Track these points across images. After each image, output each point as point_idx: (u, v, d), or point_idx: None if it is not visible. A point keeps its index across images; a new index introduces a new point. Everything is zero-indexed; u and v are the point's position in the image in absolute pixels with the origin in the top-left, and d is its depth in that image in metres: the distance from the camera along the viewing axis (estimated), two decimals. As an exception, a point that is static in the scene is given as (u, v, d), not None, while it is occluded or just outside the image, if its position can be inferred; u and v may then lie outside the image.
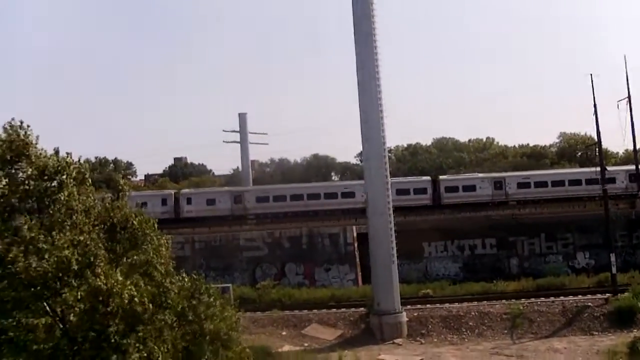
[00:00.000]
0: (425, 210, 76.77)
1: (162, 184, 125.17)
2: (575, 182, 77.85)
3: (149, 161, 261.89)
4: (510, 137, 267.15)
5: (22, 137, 25.52)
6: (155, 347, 23.24)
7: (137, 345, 23.18)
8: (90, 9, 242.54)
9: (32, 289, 23.46)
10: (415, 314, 53.47)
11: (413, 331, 51.75)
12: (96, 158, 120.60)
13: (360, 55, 52.82)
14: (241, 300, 36.76)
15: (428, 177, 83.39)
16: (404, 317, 52.12)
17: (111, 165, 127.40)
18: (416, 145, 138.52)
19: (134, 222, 24.96)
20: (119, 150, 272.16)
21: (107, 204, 26.32)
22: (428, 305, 55.89)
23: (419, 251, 72.34)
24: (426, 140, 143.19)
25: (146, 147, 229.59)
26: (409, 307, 53.99)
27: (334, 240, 68.68)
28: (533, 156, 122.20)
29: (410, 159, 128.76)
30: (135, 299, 22.37)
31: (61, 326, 24.68)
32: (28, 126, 25.68)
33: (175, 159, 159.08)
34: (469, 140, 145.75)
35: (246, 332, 32.47)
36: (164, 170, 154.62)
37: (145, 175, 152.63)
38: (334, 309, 55.94)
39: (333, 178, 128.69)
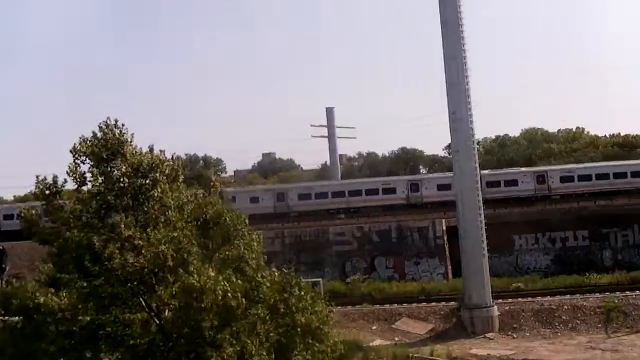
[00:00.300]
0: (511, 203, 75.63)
1: (252, 180, 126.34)
2: (621, 175, 75.69)
3: (239, 158, 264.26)
4: (601, 126, 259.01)
5: (117, 135, 26.16)
6: (249, 341, 23.42)
7: (231, 339, 23.44)
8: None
9: (129, 285, 24.01)
10: (507, 308, 52.71)
11: (505, 325, 51.05)
12: (186, 155, 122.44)
13: (447, 48, 52.34)
14: (331, 294, 36.82)
15: None
16: (495, 311, 51.45)
17: (201, 162, 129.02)
18: (505, 137, 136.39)
19: (226, 218, 25.20)
20: (208, 146, 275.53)
21: (199, 200, 26.68)
22: (519, 299, 54.94)
23: (509, 244, 71.29)
24: (515, 132, 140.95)
25: (235, 143, 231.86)
26: (500, 300, 53.25)
27: (423, 234, 68.27)
28: (625, 146, 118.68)
29: (499, 151, 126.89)
30: (229, 295, 22.57)
31: (157, 321, 25.16)
32: (123, 125, 26.38)
33: (264, 154, 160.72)
34: (559, 131, 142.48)
35: (337, 326, 32.43)
36: (253, 166, 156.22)
37: (234, 171, 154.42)
38: (424, 303, 55.60)
39: (421, 171, 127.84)
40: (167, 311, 24.73)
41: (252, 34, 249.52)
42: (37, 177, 27.29)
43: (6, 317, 28.64)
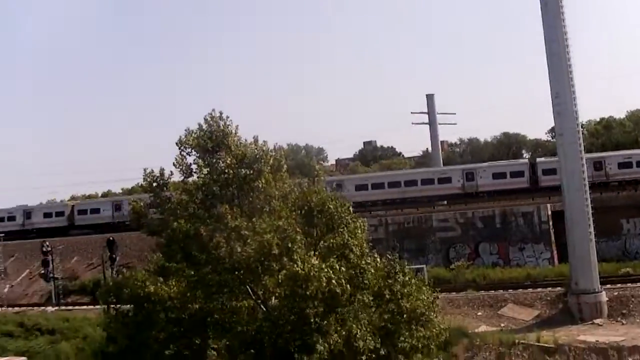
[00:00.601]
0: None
1: (353, 168, 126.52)
2: None
3: (339, 147, 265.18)
4: None
5: (221, 127, 26.65)
6: (354, 327, 23.56)
7: (337, 326, 23.62)
8: None
9: (236, 273, 24.44)
10: (616, 294, 51.38)
11: (613, 311, 49.80)
12: (288, 145, 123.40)
13: (548, 28, 51.18)
14: (435, 281, 36.64)
15: (525, 160, 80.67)
16: (603, 297, 50.26)
17: (303, 151, 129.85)
18: (610, 119, 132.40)
19: (330, 206, 25.33)
20: (310, 136, 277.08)
21: (304, 189, 26.90)
22: (629, 285, 53.49)
23: (616, 228, 69.46)
24: (620, 113, 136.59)
25: (336, 132, 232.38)
26: (608, 286, 51.93)
27: (527, 219, 67.11)
28: None
29: (604, 133, 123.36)
30: (333, 281, 22.73)
31: (263, 309, 25.56)
32: (227, 117, 26.85)
33: (364, 142, 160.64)
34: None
35: (442, 313, 32.27)
36: (354, 155, 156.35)
37: (336, 160, 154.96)
38: (530, 289, 54.70)
39: (524, 156, 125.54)
40: (273, 299, 25.10)
41: (349, 17, 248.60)
42: (144, 169, 28.08)
43: (118, 306, 29.49)
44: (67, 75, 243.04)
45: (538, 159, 79.77)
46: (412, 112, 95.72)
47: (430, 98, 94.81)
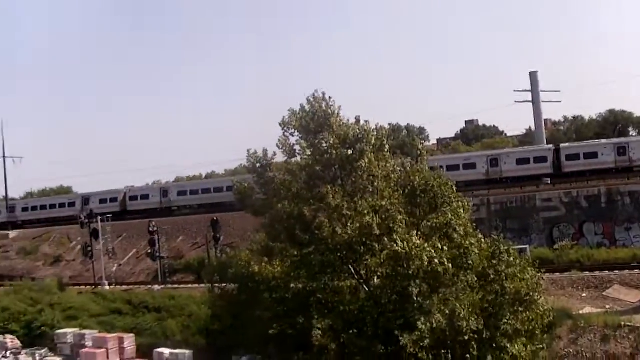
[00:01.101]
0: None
1: (455, 148, 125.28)
2: None
3: (441, 126, 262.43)
4: None
5: (324, 108, 26.77)
6: (458, 306, 23.42)
7: (439, 306, 23.53)
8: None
9: (338, 254, 24.59)
10: None
11: None
12: (389, 125, 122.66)
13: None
14: (539, 261, 36.04)
15: (550, 146, 78.60)
16: None
17: (404, 131, 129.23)
18: None
19: (434, 185, 25.18)
20: (411, 116, 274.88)
21: (407, 169, 26.81)
22: None
23: None
24: None
25: (437, 111, 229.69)
26: None
27: (635, 199, 65.55)
28: None
29: None
30: (436, 261, 22.65)
31: (366, 288, 25.65)
32: (330, 97, 26.95)
33: (466, 122, 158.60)
34: None
35: (545, 294, 31.76)
36: (455, 134, 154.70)
37: (437, 140, 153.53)
38: (637, 270, 53.39)
39: (631, 133, 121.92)
40: (375, 278, 25.14)
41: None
42: (248, 150, 28.47)
43: (223, 285, 30.04)
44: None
45: (562, 145, 78.29)
46: (515, 90, 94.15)
47: (533, 76, 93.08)
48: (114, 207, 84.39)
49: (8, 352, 39.58)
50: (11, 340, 41.39)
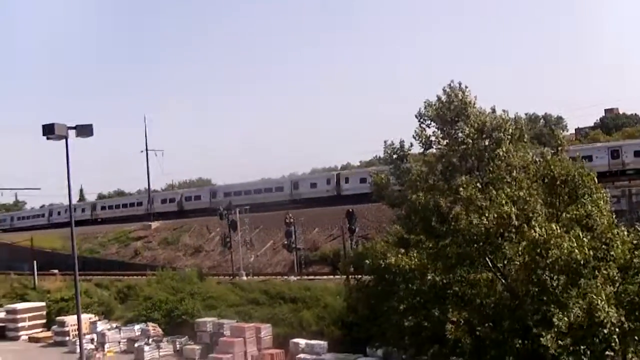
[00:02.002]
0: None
1: (594, 137, 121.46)
2: None
3: (579, 114, 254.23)
4: None
5: (460, 97, 26.44)
6: (597, 300, 22.65)
7: (577, 299, 22.83)
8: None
9: (475, 245, 24.20)
10: None
11: None
12: (526, 114, 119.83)
13: None
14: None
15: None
16: None
17: (541, 120, 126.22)
18: None
19: (575, 175, 24.44)
20: (548, 105, 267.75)
21: (547, 159, 26.10)
22: None
23: None
24: None
25: (576, 100, 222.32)
26: None
27: None
28: None
29: None
30: (576, 250, 21.96)
31: (502, 281, 25.16)
32: (466, 87, 26.61)
33: (606, 110, 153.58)
34: None
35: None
36: (595, 123, 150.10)
37: (575, 129, 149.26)
38: None
39: None
40: (512, 270, 24.63)
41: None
42: (384, 141, 28.43)
43: (359, 276, 30.09)
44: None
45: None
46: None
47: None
48: (173, 207, 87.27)
49: (150, 339, 41.05)
50: (153, 328, 42.89)
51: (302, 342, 36.00)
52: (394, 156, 28.00)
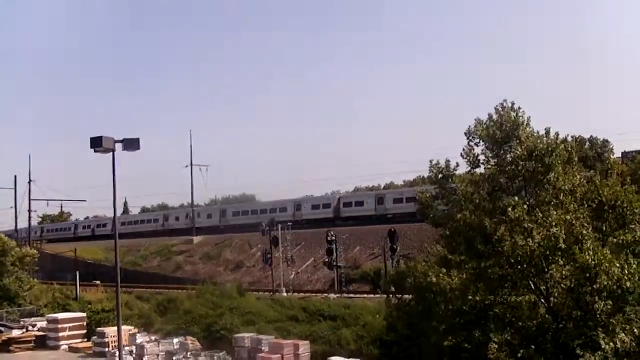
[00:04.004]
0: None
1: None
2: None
3: (625, 138, 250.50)
4: None
5: (512, 118, 26.30)
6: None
7: (624, 325, 22.63)
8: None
9: (518, 267, 24.04)
10: None
11: None
12: (572, 137, 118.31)
13: None
14: None
15: None
16: None
17: (587, 143, 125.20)
18: None
19: (623, 200, 24.21)
20: (594, 127, 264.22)
21: (595, 183, 25.87)
22: None
23: None
24: None
25: (622, 123, 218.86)
26: None
27: None
28: None
29: None
30: (625, 277, 21.75)
31: (545, 304, 24.96)
32: (519, 107, 26.45)
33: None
34: None
35: None
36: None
37: (622, 153, 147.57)
38: None
39: None
40: (556, 293, 24.43)
41: None
42: (430, 161, 28.39)
43: (399, 295, 30.03)
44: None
45: None
46: None
47: None
48: (327, 214, 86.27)
49: (188, 353, 41.11)
50: (192, 342, 43.01)
51: (340, 360, 35.91)
52: (440, 175, 27.92)
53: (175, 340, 43.68)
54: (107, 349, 44.93)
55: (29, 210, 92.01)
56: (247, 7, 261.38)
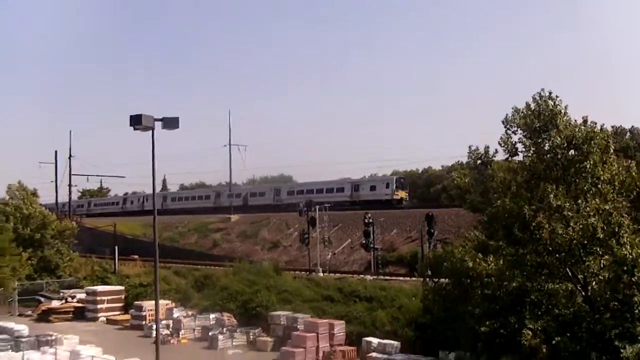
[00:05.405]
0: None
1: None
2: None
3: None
4: None
5: (550, 107, 26.31)
6: None
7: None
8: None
9: (556, 255, 24.12)
10: None
11: None
12: (612, 127, 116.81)
13: None
14: None
15: None
16: None
17: (628, 133, 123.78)
18: None
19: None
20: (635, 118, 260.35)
21: (633, 173, 25.81)
22: None
23: None
24: None
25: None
26: None
27: None
28: None
29: None
30: None
31: (582, 293, 25.01)
32: (557, 96, 26.48)
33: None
34: None
35: None
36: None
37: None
38: None
39: None
40: (593, 283, 24.47)
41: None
42: (469, 147, 28.48)
43: (436, 279, 30.17)
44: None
45: None
46: None
47: None
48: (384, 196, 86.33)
49: (224, 329, 41.73)
50: (228, 318, 43.63)
51: (374, 340, 36.07)
52: (478, 162, 28.00)
53: (212, 316, 44.30)
54: (144, 322, 45.77)
55: (69, 185, 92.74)
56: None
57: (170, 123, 26.75)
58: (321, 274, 54.12)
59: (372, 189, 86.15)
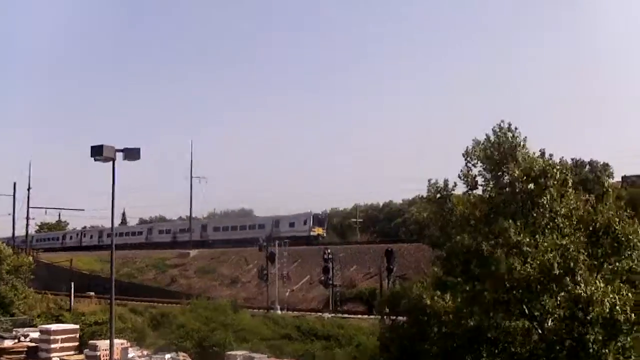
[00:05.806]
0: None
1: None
2: None
3: (628, 162, 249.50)
4: None
5: (509, 139, 26.10)
6: (633, 357, 22.25)
7: (617, 356, 22.39)
8: None
9: (513, 292, 23.76)
10: None
11: None
12: (572, 159, 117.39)
13: None
14: None
15: None
16: None
17: (587, 166, 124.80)
18: None
19: (616, 227, 23.93)
20: (594, 150, 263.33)
21: (589, 208, 25.60)
22: None
23: None
24: None
25: (625, 146, 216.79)
26: None
27: None
28: None
29: None
30: (617, 308, 21.52)
31: (539, 331, 24.69)
32: (516, 128, 26.27)
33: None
34: None
35: None
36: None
37: (622, 177, 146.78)
38: None
39: None
40: (549, 321, 24.18)
41: None
42: (429, 180, 28.15)
43: (394, 316, 29.79)
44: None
45: None
46: None
47: None
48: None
49: (180, 369, 40.78)
50: (184, 357, 42.67)
51: (332, 380, 35.69)
52: (437, 195, 27.67)
53: (167, 355, 43.30)
54: (98, 364, 44.67)
55: (27, 218, 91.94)
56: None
57: (132, 154, 26.44)
58: (279, 312, 53.64)
59: (291, 225, 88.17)
